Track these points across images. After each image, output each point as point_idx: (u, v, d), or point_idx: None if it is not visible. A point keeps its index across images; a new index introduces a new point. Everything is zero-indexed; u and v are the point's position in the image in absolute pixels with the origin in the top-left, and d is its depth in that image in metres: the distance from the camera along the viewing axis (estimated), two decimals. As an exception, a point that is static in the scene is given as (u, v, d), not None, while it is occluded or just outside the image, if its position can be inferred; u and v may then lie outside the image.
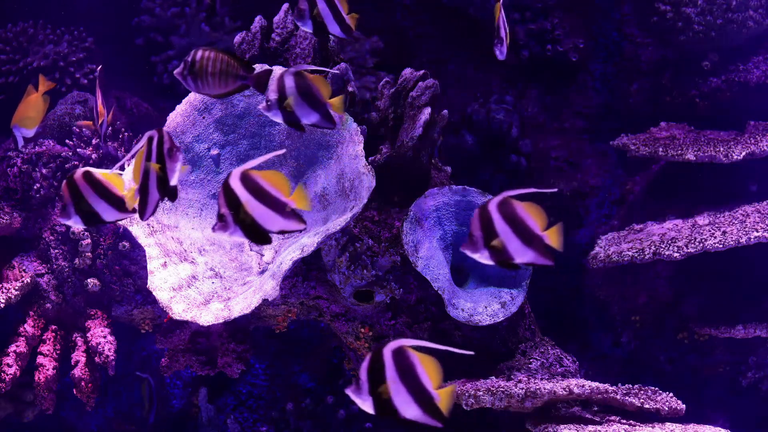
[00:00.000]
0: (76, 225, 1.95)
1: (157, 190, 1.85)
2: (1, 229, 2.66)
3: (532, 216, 1.73)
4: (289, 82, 1.98)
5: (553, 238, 1.73)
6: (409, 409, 1.63)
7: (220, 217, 1.75)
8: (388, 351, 1.61)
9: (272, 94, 1.98)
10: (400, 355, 1.61)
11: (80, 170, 1.88)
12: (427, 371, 1.62)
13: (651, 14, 3.00)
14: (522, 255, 1.74)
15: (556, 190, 2.37)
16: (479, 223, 1.73)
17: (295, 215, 1.76)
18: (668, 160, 2.81)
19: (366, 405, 1.65)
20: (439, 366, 1.62)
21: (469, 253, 1.77)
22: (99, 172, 1.88)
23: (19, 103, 2.53)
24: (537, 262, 1.76)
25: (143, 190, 1.86)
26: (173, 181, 1.85)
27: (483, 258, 1.76)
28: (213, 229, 1.77)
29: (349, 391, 1.66)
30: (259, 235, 1.77)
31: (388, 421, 2.56)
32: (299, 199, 1.76)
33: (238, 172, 1.74)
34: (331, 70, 2.34)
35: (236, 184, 1.73)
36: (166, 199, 1.86)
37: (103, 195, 1.88)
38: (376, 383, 1.62)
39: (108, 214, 1.90)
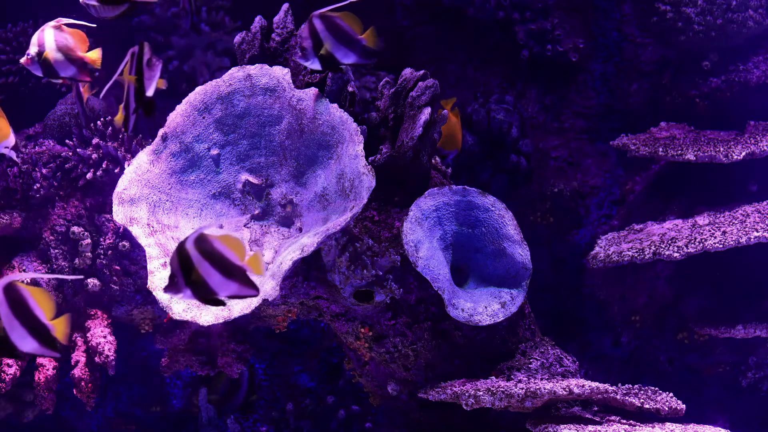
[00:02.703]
0: None
1: (134, 101, 1.87)
2: (1, 229, 2.66)
3: (231, 248, 1.73)
4: (49, 36, 2.04)
5: (254, 266, 1.74)
6: (25, 343, 1.66)
7: None
8: None
9: (32, 48, 2.04)
10: (11, 290, 1.64)
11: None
12: (40, 303, 1.66)
13: (651, 14, 3.00)
14: (225, 288, 1.74)
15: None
16: (177, 262, 1.72)
17: None
18: (668, 160, 2.81)
19: None
20: (52, 297, 1.67)
21: (171, 294, 1.76)
22: None
23: None
24: (241, 293, 1.76)
25: (127, 106, 1.89)
26: (149, 92, 1.86)
27: (186, 297, 1.75)
28: None
29: None
30: None
31: (385, 419, 2.56)
32: None
33: None
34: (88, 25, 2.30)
35: None
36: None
37: None
38: None
39: None
